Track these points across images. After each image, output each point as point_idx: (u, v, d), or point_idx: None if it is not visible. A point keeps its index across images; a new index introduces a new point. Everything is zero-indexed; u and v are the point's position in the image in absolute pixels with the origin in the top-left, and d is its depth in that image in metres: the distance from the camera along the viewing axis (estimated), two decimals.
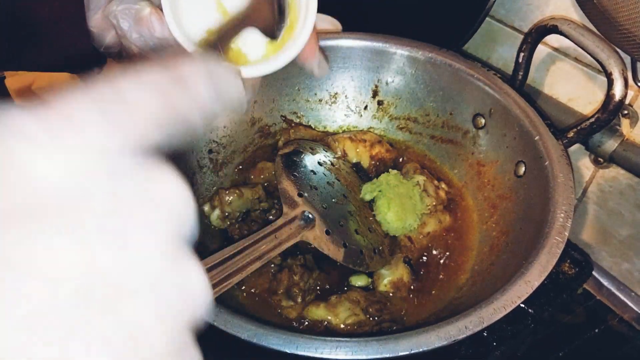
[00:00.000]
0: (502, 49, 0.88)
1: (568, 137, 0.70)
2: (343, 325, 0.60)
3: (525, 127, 0.68)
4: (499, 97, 0.73)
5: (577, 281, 0.70)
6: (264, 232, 0.56)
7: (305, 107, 0.86)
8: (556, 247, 0.54)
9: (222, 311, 0.49)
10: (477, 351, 0.61)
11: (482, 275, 0.66)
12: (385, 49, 0.80)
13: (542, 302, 0.65)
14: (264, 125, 0.84)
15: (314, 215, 0.62)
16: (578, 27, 0.66)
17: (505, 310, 0.49)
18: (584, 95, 0.78)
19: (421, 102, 0.82)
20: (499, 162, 0.74)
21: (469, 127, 0.79)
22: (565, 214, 0.57)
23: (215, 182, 0.78)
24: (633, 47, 0.59)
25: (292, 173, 0.66)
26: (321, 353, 0.46)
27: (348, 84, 0.84)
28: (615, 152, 0.73)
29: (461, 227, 0.74)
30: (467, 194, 0.78)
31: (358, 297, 0.62)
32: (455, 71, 0.77)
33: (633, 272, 0.81)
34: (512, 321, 0.63)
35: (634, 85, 0.68)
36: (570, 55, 0.77)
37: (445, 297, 0.66)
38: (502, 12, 0.84)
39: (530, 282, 0.51)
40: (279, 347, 0.46)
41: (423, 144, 0.85)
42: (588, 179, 0.81)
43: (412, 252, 0.69)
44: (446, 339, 0.47)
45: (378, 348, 0.46)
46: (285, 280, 0.63)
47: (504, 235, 0.67)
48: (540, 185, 0.63)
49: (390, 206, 0.68)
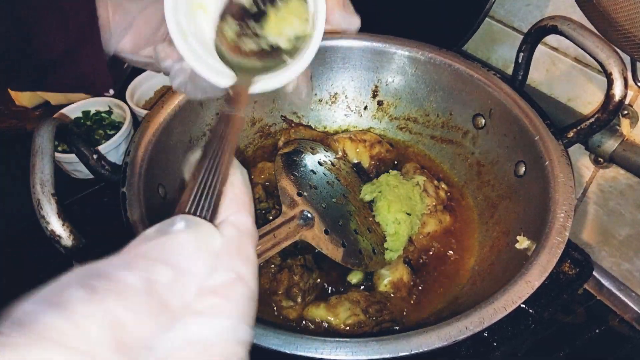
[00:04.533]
0: (501, 49, 0.88)
1: (568, 137, 0.70)
2: (343, 326, 0.60)
3: (525, 127, 0.68)
4: (499, 97, 0.72)
5: (578, 281, 0.70)
6: (263, 231, 0.56)
7: (305, 107, 0.86)
8: (556, 247, 0.54)
9: None
10: (478, 351, 0.61)
11: (482, 275, 0.65)
12: (385, 49, 0.80)
13: (542, 302, 0.65)
14: (264, 125, 0.84)
15: (313, 214, 0.62)
16: (578, 27, 0.66)
17: (505, 310, 0.49)
18: (584, 95, 0.78)
19: (421, 102, 0.82)
20: (499, 162, 0.74)
21: (469, 127, 0.79)
22: (566, 214, 0.57)
23: None
24: (632, 47, 0.59)
25: (292, 172, 0.66)
26: (321, 353, 0.46)
27: (348, 84, 0.84)
28: (615, 152, 0.73)
29: (461, 227, 0.74)
30: (467, 194, 0.78)
31: (358, 298, 0.62)
32: (455, 71, 0.77)
33: (633, 272, 0.81)
34: (512, 321, 0.63)
35: (634, 85, 0.68)
36: (569, 56, 0.77)
37: (446, 297, 0.66)
38: (501, 12, 0.84)
39: (530, 282, 0.51)
40: (278, 347, 0.46)
41: (423, 144, 0.85)
42: (588, 179, 0.81)
43: (412, 252, 0.69)
44: (446, 340, 0.47)
45: (378, 348, 0.46)
46: (285, 280, 0.63)
47: (504, 235, 0.67)
48: (541, 185, 0.63)
49: (390, 209, 0.68)
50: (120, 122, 0.89)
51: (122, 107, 0.89)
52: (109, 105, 0.90)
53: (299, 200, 0.62)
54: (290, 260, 0.66)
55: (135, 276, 0.22)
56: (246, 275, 0.25)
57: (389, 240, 0.67)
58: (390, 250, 0.67)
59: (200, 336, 0.22)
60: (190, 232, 0.24)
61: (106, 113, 0.90)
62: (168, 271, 0.22)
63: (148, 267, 0.22)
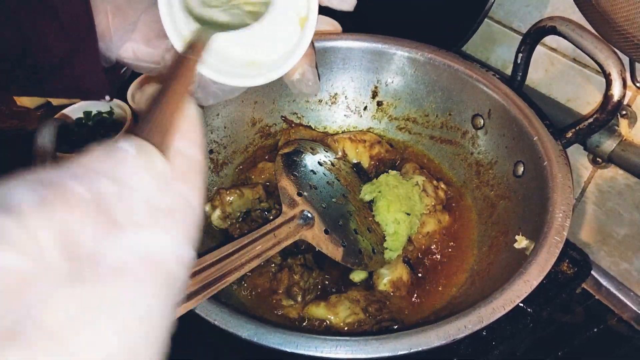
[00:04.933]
0: (500, 50, 0.88)
1: (567, 138, 0.70)
2: (343, 324, 0.60)
3: (523, 128, 0.68)
4: (497, 97, 0.73)
5: (576, 281, 0.70)
6: (263, 231, 0.56)
7: (305, 108, 0.86)
8: (555, 246, 0.54)
9: (223, 310, 0.49)
10: (476, 350, 0.62)
11: (481, 274, 0.66)
12: (385, 50, 0.80)
13: (541, 301, 0.65)
14: (264, 125, 0.84)
15: (313, 214, 0.62)
16: (576, 28, 0.66)
17: (504, 309, 0.49)
18: (583, 95, 0.78)
19: (420, 102, 0.83)
20: (498, 162, 0.75)
21: (468, 127, 0.79)
22: (564, 214, 0.57)
23: (216, 182, 0.78)
24: (631, 48, 0.59)
25: (292, 172, 0.66)
26: (321, 352, 0.46)
27: (348, 85, 0.85)
28: (614, 152, 0.73)
29: (460, 226, 0.74)
30: (466, 194, 0.78)
31: (358, 297, 0.62)
32: (455, 72, 0.77)
33: (632, 272, 0.81)
34: (511, 320, 0.63)
35: (632, 86, 0.68)
36: (568, 56, 0.78)
37: (445, 297, 0.66)
38: (500, 13, 0.85)
39: (529, 282, 0.51)
40: (279, 346, 0.47)
41: (422, 144, 0.85)
42: (586, 179, 0.81)
43: (412, 251, 0.70)
44: (445, 338, 0.47)
45: (378, 347, 0.46)
46: (285, 279, 0.63)
47: (503, 234, 0.67)
48: (539, 185, 0.63)
49: (390, 209, 0.69)
50: (121, 122, 0.89)
51: (123, 107, 0.89)
52: (110, 106, 0.91)
53: (299, 200, 0.63)
54: (290, 260, 0.66)
55: (84, 187, 0.22)
56: (194, 202, 0.26)
57: (388, 239, 0.68)
58: (389, 250, 0.67)
59: (144, 250, 0.23)
60: (139, 154, 0.25)
61: (107, 114, 0.91)
62: (115, 186, 0.23)
63: (97, 179, 0.23)
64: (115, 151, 0.24)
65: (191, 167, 0.28)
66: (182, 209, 0.25)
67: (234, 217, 0.71)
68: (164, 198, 0.25)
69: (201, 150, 0.29)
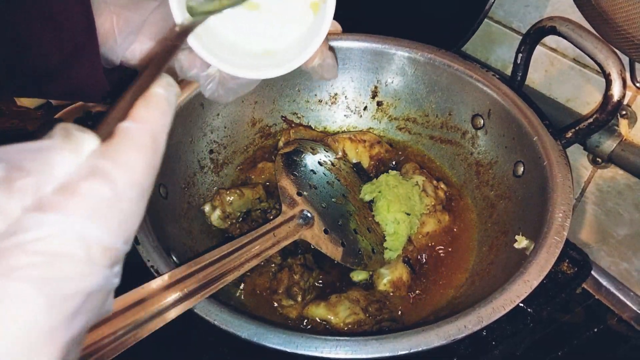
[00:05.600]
0: (500, 50, 0.88)
1: (566, 138, 0.70)
2: (343, 324, 0.60)
3: (523, 128, 0.68)
4: (497, 97, 0.73)
5: (576, 280, 0.70)
6: (262, 230, 0.56)
7: (305, 108, 0.86)
8: (555, 246, 0.54)
9: (223, 310, 0.49)
10: (476, 350, 0.61)
11: (481, 274, 0.66)
12: (385, 50, 0.80)
13: (541, 301, 0.65)
14: (264, 125, 0.85)
15: (312, 214, 0.62)
16: (576, 28, 0.66)
17: (504, 309, 0.49)
18: (582, 95, 0.78)
19: (420, 102, 0.83)
20: (498, 162, 0.75)
21: (468, 127, 0.79)
22: (564, 214, 0.57)
23: (216, 182, 0.78)
24: (631, 48, 0.59)
25: (292, 172, 0.66)
26: (321, 352, 0.46)
27: (348, 85, 0.85)
28: (614, 152, 0.73)
29: (460, 226, 0.74)
30: (466, 194, 0.78)
31: (358, 297, 0.62)
32: (455, 72, 0.77)
33: (631, 272, 0.81)
34: (511, 320, 0.63)
35: (632, 86, 0.69)
36: (568, 56, 0.78)
37: (445, 297, 0.66)
38: (500, 13, 0.85)
39: (529, 282, 0.51)
40: (279, 346, 0.47)
41: (422, 144, 0.85)
42: (586, 179, 0.81)
43: (412, 251, 0.70)
44: (445, 338, 0.47)
45: (378, 347, 0.46)
46: (285, 279, 0.64)
47: (503, 234, 0.67)
48: (539, 185, 0.63)
49: (389, 209, 0.69)
50: None
51: None
52: None
53: (298, 200, 0.63)
54: (290, 260, 0.66)
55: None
56: (118, 179, 0.24)
57: (388, 239, 0.68)
58: (389, 250, 0.67)
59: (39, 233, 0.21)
60: (56, 137, 0.24)
61: None
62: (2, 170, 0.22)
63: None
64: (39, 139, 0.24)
65: (128, 144, 0.26)
66: (97, 188, 0.23)
67: (234, 217, 0.71)
68: (78, 178, 0.23)
69: (152, 132, 0.28)
